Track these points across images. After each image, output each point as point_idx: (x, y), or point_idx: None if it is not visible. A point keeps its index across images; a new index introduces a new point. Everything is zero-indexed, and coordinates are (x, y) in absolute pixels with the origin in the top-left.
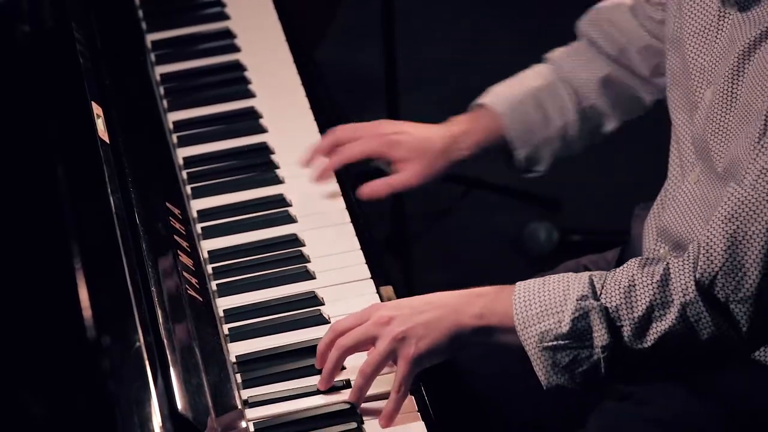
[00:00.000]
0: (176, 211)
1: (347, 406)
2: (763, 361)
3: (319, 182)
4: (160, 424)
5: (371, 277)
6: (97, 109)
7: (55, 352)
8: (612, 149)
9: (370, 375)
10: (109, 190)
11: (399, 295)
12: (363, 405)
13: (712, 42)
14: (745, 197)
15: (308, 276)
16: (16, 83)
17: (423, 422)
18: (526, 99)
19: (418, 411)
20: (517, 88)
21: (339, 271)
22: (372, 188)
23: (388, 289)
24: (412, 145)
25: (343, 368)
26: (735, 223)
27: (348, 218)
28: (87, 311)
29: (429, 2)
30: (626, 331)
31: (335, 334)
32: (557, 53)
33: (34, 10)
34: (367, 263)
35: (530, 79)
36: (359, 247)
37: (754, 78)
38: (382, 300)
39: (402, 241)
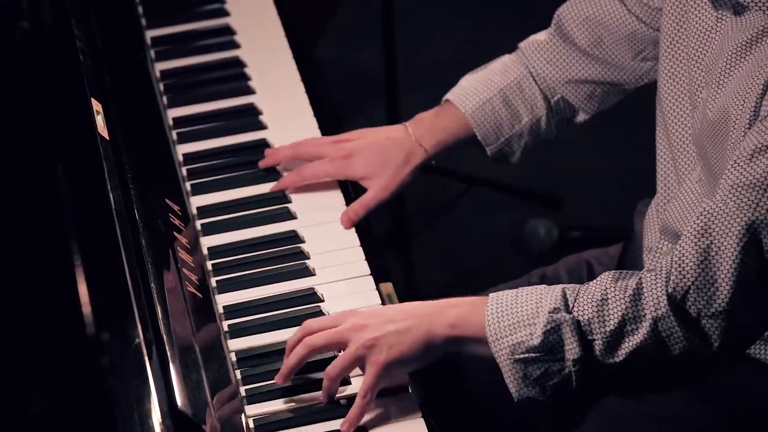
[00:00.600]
0: (176, 208)
1: (345, 402)
2: (762, 358)
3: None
4: (160, 421)
5: (371, 274)
6: (96, 105)
7: (55, 349)
8: (611, 146)
9: (335, 377)
10: (108, 187)
11: (398, 291)
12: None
13: (710, 43)
14: (716, 212)
15: (308, 273)
16: (15, 80)
17: (423, 419)
18: (494, 96)
19: (420, 410)
20: (484, 84)
21: (338, 268)
22: (349, 215)
23: (387, 286)
24: (370, 162)
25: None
26: (707, 238)
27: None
28: (86, 308)
29: (429, 2)
30: (598, 344)
31: (306, 331)
32: (529, 45)
33: (33, 7)
34: (366, 260)
35: (498, 74)
36: (359, 243)
37: (735, 85)
38: (381, 297)
39: (402, 238)
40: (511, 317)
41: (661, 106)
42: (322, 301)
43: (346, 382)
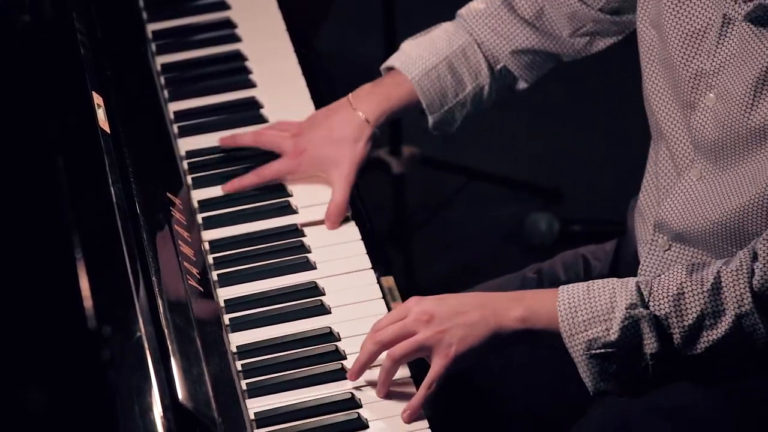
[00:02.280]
0: (177, 202)
1: (348, 395)
2: None
3: (228, 190)
4: (161, 414)
5: (372, 268)
6: (97, 99)
7: (56, 343)
8: (613, 140)
9: (397, 359)
10: (109, 180)
11: (399, 285)
12: (365, 395)
13: (711, 47)
14: None
15: (309, 266)
16: (16, 74)
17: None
18: (440, 63)
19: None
20: (430, 52)
21: (340, 262)
22: (331, 219)
23: (389, 280)
24: (323, 155)
25: (344, 358)
26: None
27: (349, 208)
28: (87, 301)
29: None
30: (676, 338)
31: (376, 331)
32: (470, 12)
33: (34, 0)
34: (368, 253)
35: (443, 41)
36: (360, 237)
37: None
38: (383, 291)
39: (403, 232)
40: (585, 312)
41: (649, 98)
42: (324, 294)
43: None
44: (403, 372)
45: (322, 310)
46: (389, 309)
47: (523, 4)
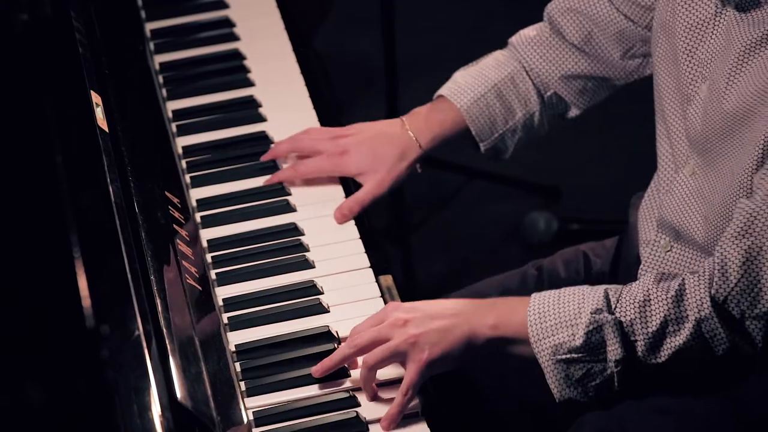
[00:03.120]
0: (175, 200)
1: (346, 395)
2: None
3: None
4: (160, 413)
5: (370, 266)
6: (96, 98)
7: (55, 342)
8: (612, 139)
9: (371, 365)
10: (108, 179)
11: (398, 284)
12: (363, 394)
13: (708, 37)
14: (758, 212)
15: (308, 265)
16: (15, 72)
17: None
18: (489, 92)
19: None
20: (478, 80)
21: (338, 260)
22: (343, 212)
23: (387, 278)
24: (365, 159)
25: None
26: (749, 238)
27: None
28: (86, 300)
29: None
30: (640, 345)
31: (353, 335)
32: (521, 40)
33: None
34: (366, 252)
35: (492, 69)
36: (358, 236)
37: (754, 80)
38: (381, 289)
39: (402, 231)
40: (553, 317)
41: (660, 100)
42: (322, 293)
43: (345, 374)
44: (399, 371)
45: (321, 308)
46: None
47: (571, 30)
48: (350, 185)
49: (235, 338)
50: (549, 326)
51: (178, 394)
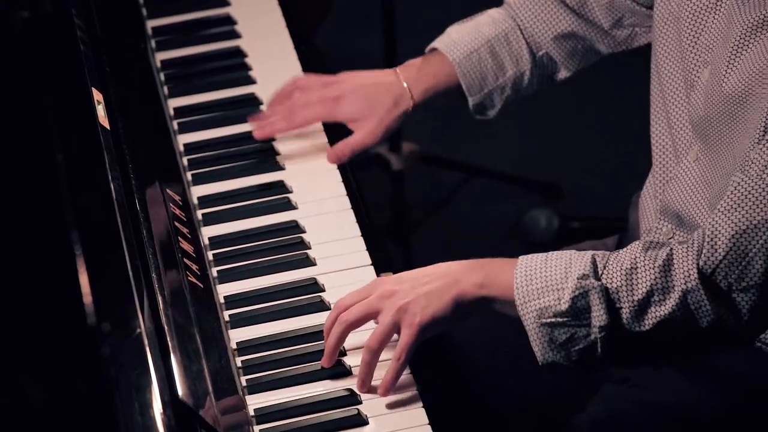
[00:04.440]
0: (176, 198)
1: (347, 392)
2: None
3: (259, 138)
4: (161, 411)
5: (372, 264)
6: (97, 95)
7: (56, 339)
8: (613, 137)
9: (377, 349)
10: (109, 177)
11: None
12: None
13: (711, 22)
14: (752, 187)
15: (309, 262)
16: (16, 70)
17: (423, 409)
18: (481, 47)
19: (420, 400)
20: (472, 35)
21: (339, 258)
22: (336, 153)
23: (388, 276)
24: (358, 106)
25: (344, 354)
26: (740, 212)
27: (348, 204)
28: (87, 298)
29: None
30: (625, 313)
31: (339, 309)
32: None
33: None
34: (367, 250)
35: (486, 26)
36: (360, 233)
37: (754, 63)
38: None
39: (402, 229)
40: (539, 281)
41: (661, 86)
42: (323, 291)
43: (347, 372)
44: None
45: (322, 306)
46: None
47: None
48: (352, 183)
49: (236, 336)
50: (535, 289)
51: (180, 391)
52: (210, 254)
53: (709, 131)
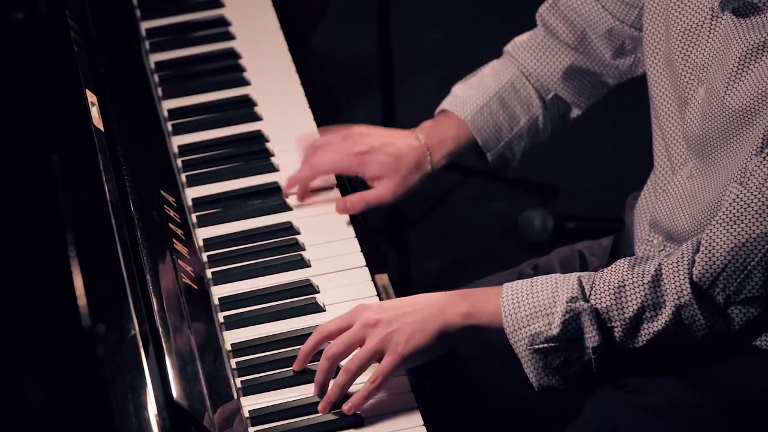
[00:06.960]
0: (171, 199)
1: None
2: (759, 346)
3: (287, 191)
4: (156, 413)
5: (366, 265)
6: (91, 97)
7: (51, 341)
8: (609, 137)
9: (354, 372)
10: (103, 178)
11: (394, 282)
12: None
13: (704, 40)
14: (751, 200)
15: (303, 264)
16: (10, 71)
17: (419, 411)
18: (491, 100)
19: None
20: (478, 89)
21: (334, 259)
22: (347, 203)
23: (383, 277)
24: (385, 163)
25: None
26: (740, 225)
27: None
28: (82, 300)
29: None
30: (617, 331)
31: (320, 336)
32: (515, 46)
33: None
34: (362, 251)
35: (490, 78)
36: (354, 235)
37: (757, 84)
38: (377, 288)
39: (399, 229)
40: (527, 307)
41: (652, 102)
42: (318, 292)
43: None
44: None
45: (317, 308)
46: None
47: (565, 30)
48: (347, 185)
49: (230, 337)
50: (524, 316)
51: (174, 393)
52: (204, 256)
53: (706, 149)
